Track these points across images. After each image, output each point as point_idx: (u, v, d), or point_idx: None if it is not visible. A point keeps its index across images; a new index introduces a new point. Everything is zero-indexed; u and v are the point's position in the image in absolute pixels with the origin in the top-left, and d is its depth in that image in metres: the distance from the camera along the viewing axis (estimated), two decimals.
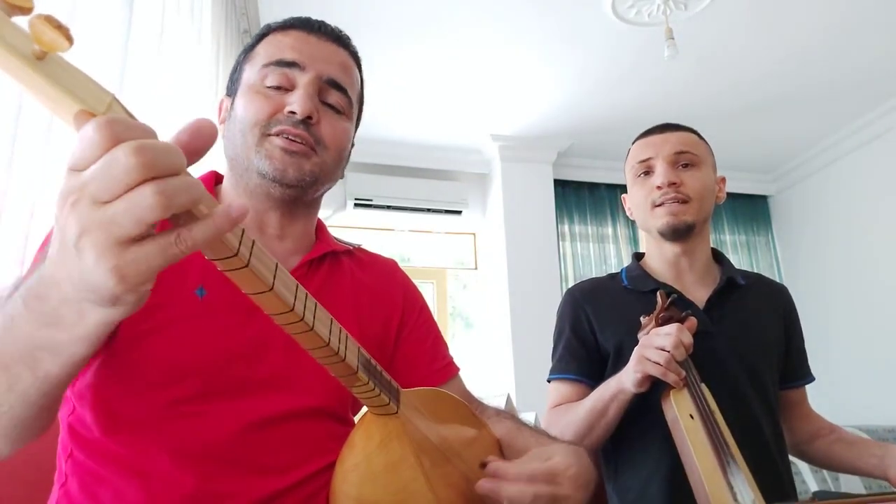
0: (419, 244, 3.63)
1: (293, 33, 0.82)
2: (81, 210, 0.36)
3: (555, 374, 1.26)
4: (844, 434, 1.24)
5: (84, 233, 0.36)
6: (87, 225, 0.36)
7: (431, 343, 0.91)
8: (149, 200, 0.35)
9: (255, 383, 0.70)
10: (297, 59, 0.79)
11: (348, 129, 0.84)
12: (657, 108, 3.11)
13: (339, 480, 0.62)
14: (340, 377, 0.55)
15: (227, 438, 0.67)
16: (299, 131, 0.76)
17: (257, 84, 0.79)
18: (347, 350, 0.53)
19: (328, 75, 0.80)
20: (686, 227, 1.19)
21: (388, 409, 0.61)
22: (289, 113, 0.76)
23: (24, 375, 0.46)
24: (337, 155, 0.82)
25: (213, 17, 1.93)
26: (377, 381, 0.58)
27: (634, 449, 1.15)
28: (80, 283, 0.38)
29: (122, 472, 0.64)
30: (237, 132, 0.79)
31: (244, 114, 0.78)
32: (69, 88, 0.37)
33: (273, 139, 0.76)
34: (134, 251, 0.37)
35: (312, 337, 0.49)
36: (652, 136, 1.26)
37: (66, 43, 0.36)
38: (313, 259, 0.82)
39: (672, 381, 1.00)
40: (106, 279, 0.37)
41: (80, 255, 0.37)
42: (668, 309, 1.10)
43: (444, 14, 2.47)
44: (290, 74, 0.78)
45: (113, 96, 0.39)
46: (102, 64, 1.15)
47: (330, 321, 0.51)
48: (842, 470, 1.22)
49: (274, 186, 0.77)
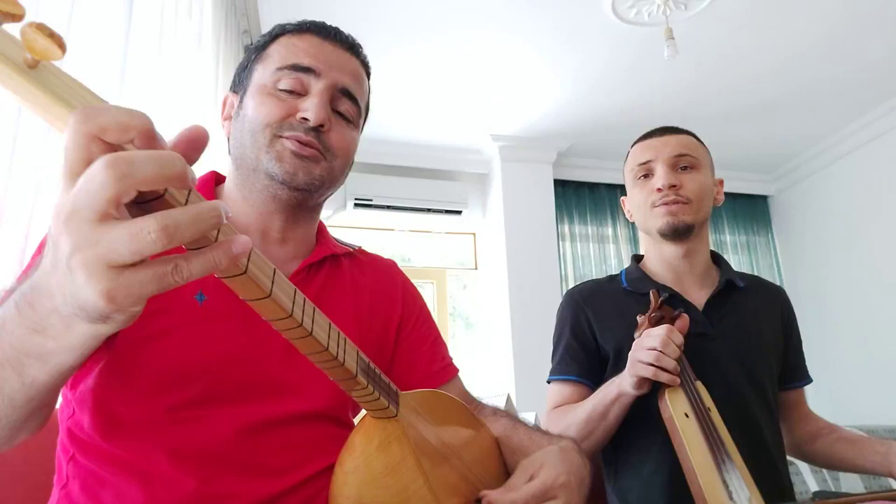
0: (419, 244, 3.63)
1: (308, 38, 0.82)
2: (74, 227, 0.35)
3: (555, 375, 1.26)
4: (845, 433, 1.24)
5: (76, 251, 0.35)
6: (80, 244, 0.35)
7: (431, 344, 0.92)
8: (151, 236, 0.34)
9: (255, 388, 0.70)
10: (313, 65, 0.79)
11: (356, 139, 0.86)
12: (657, 108, 3.11)
13: (338, 482, 0.63)
14: (339, 381, 0.55)
15: (227, 440, 0.67)
16: (310, 139, 0.76)
17: (270, 86, 0.79)
18: (346, 354, 0.53)
19: (342, 84, 0.81)
20: (686, 227, 1.20)
21: (387, 413, 0.61)
22: (301, 119, 0.77)
23: (12, 379, 0.46)
24: (344, 162, 0.83)
25: (214, 17, 1.93)
26: (376, 385, 0.58)
27: (635, 451, 1.15)
28: (70, 298, 0.38)
29: (123, 474, 0.64)
30: (246, 132, 0.78)
31: (255, 114, 0.78)
32: (62, 97, 0.36)
33: (284, 141, 0.76)
34: (127, 276, 0.35)
35: (311, 342, 0.49)
36: (651, 138, 1.27)
37: (58, 51, 0.35)
38: (313, 263, 0.82)
39: (666, 380, 1.00)
40: (95, 300, 0.36)
41: (71, 273, 0.36)
42: (660, 308, 1.11)
43: (444, 14, 2.47)
44: (305, 80, 0.78)
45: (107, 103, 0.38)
46: (102, 64, 1.15)
47: (328, 326, 0.51)
48: (844, 469, 1.22)
49: (282, 189, 0.77)
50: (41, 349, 0.44)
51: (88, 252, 0.35)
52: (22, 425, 0.54)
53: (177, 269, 0.36)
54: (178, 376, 0.67)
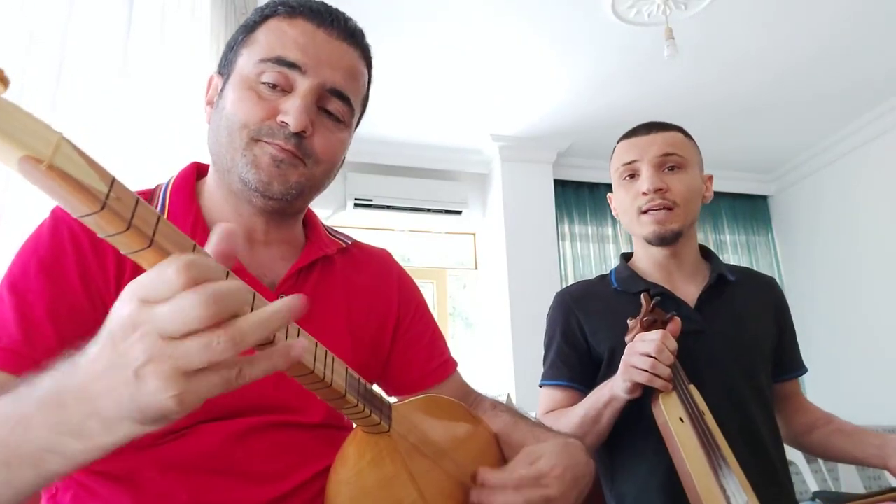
0: (419, 244, 3.63)
1: (300, 24, 0.73)
2: (150, 341, 0.37)
3: (546, 380, 1.25)
4: (842, 424, 1.23)
5: (150, 362, 0.37)
6: (156, 356, 0.37)
7: (428, 340, 0.90)
8: (224, 346, 0.37)
9: (247, 408, 0.68)
10: (300, 60, 0.71)
11: (344, 140, 0.78)
12: (657, 108, 3.11)
13: (332, 493, 0.62)
14: (328, 401, 0.54)
15: (217, 449, 0.66)
16: (290, 147, 0.71)
17: (252, 79, 0.72)
18: (334, 374, 0.51)
19: (331, 84, 0.73)
20: (673, 234, 1.18)
21: (379, 429, 0.60)
22: (282, 123, 0.70)
23: (27, 475, 0.44)
24: (328, 167, 0.77)
25: (213, 17, 1.92)
26: (367, 402, 0.56)
27: (629, 454, 1.15)
28: (129, 404, 0.38)
29: (114, 486, 0.63)
30: (223, 128, 0.73)
31: (233, 111, 0.72)
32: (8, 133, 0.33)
33: (263, 145, 0.71)
34: (197, 381, 0.38)
35: (296, 366, 0.47)
36: (637, 136, 1.24)
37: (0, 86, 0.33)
38: (302, 268, 0.78)
39: (660, 385, 0.99)
40: (165, 404, 0.37)
41: (139, 380, 0.37)
42: (652, 311, 1.09)
43: (444, 14, 2.47)
44: (290, 76, 0.71)
45: (60, 135, 0.35)
46: (102, 65, 1.15)
47: (314, 346, 0.49)
48: (840, 460, 1.22)
49: (256, 196, 0.72)
50: (67, 449, 0.42)
51: (165, 363, 0.37)
52: None
53: (241, 374, 0.40)
54: None
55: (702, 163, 1.27)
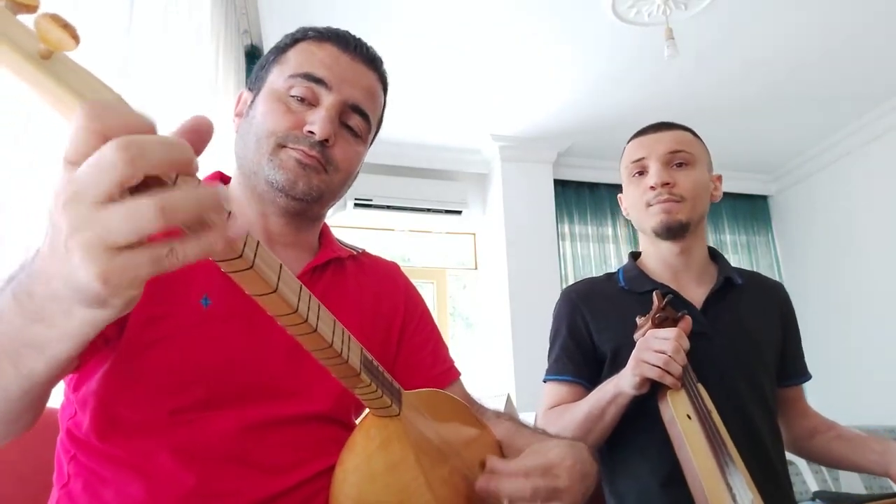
0: (419, 244, 3.63)
1: (328, 47, 0.82)
2: (74, 209, 0.35)
3: (551, 375, 1.25)
4: (843, 431, 1.24)
5: (74, 232, 0.35)
6: (78, 225, 0.35)
7: (432, 348, 0.92)
8: (149, 214, 0.34)
9: (258, 390, 0.70)
10: (327, 77, 0.79)
11: (361, 153, 0.86)
12: (657, 108, 3.11)
13: (339, 481, 0.63)
14: (343, 379, 0.56)
15: (228, 438, 0.67)
16: (314, 153, 0.77)
17: (282, 92, 0.79)
18: (350, 352, 0.53)
19: (353, 101, 0.81)
20: (680, 225, 1.19)
21: (389, 411, 0.62)
22: (308, 132, 0.77)
23: (8, 371, 0.46)
24: (345, 177, 0.83)
25: (213, 16, 1.93)
26: (379, 383, 0.58)
27: (630, 452, 1.15)
28: (67, 282, 0.38)
29: (124, 473, 0.64)
30: (251, 135, 0.79)
31: (263, 120, 0.78)
32: (75, 88, 0.36)
33: (289, 150, 0.77)
34: (123, 258, 0.35)
35: (316, 338, 0.49)
36: (645, 135, 1.26)
37: (72, 42, 0.36)
38: (317, 266, 0.83)
39: (670, 382, 1.00)
40: (90, 281, 0.35)
41: (67, 253, 0.36)
42: (664, 309, 1.09)
43: (444, 14, 2.47)
44: (317, 90, 0.79)
45: (118, 96, 0.38)
46: (102, 65, 1.15)
47: (333, 322, 0.51)
48: (841, 467, 1.22)
49: (280, 196, 0.78)
50: (39, 338, 0.43)
51: (86, 233, 0.35)
52: (17, 418, 0.54)
53: (173, 252, 0.36)
54: (181, 380, 0.67)
55: (710, 163, 1.28)
